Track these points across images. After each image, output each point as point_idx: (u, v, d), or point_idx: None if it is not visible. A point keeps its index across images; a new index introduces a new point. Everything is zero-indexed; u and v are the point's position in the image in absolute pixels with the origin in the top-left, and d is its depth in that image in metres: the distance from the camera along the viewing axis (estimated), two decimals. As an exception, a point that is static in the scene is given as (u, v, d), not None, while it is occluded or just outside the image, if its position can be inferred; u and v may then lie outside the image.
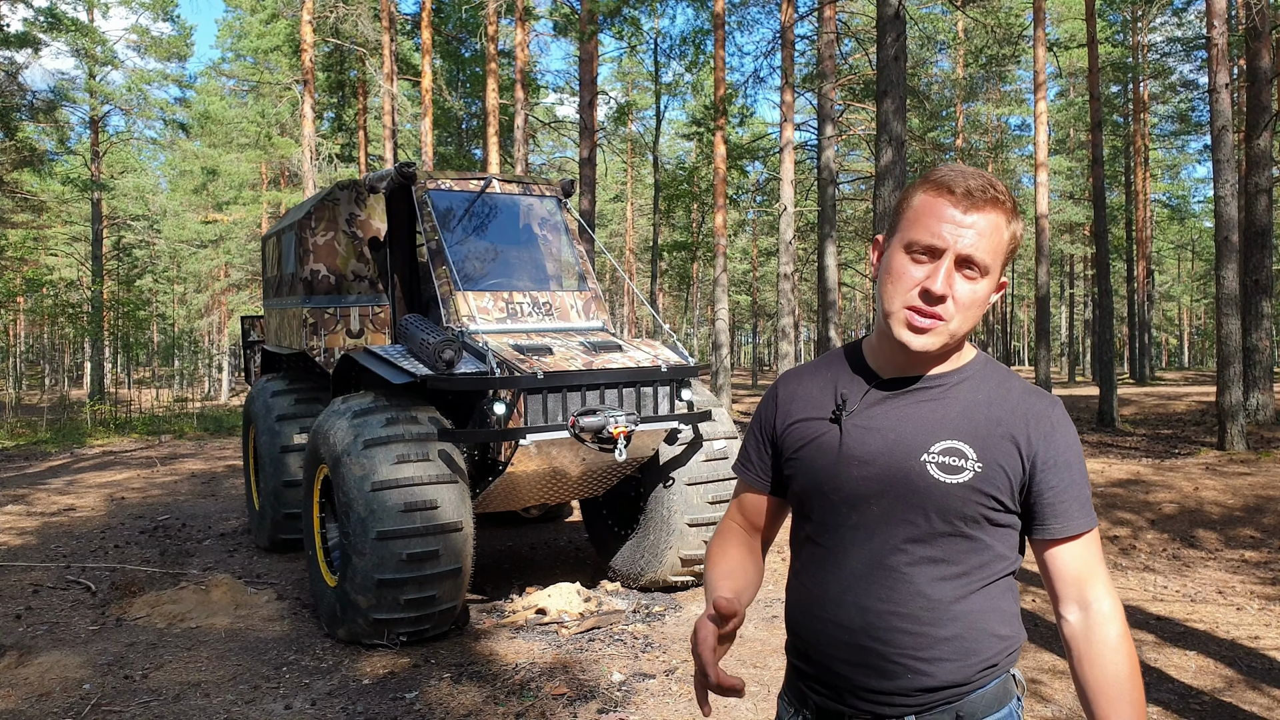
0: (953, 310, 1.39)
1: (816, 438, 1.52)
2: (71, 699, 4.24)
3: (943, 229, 1.38)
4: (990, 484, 1.41)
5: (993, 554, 1.44)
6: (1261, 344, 12.85)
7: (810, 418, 1.54)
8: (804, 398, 1.58)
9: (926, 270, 1.39)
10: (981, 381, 1.49)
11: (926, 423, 1.45)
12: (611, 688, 4.36)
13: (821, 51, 20.12)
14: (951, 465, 1.41)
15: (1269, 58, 12.82)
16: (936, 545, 1.42)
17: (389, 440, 4.81)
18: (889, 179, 10.17)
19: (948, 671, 1.41)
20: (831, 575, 1.48)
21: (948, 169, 1.43)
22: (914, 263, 1.41)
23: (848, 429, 1.48)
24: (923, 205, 1.41)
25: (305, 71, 20.24)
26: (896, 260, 1.43)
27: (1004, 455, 1.42)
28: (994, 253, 1.39)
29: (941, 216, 1.38)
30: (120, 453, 14.30)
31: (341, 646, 4.96)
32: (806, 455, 1.52)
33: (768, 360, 53.79)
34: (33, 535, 7.89)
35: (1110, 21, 29.96)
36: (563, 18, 19.26)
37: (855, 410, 1.49)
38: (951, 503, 1.40)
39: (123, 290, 29.73)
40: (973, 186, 1.38)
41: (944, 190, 1.39)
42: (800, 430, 1.55)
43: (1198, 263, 49.35)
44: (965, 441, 1.43)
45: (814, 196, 25.52)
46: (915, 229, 1.40)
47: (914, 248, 1.40)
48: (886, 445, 1.45)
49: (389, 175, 6.01)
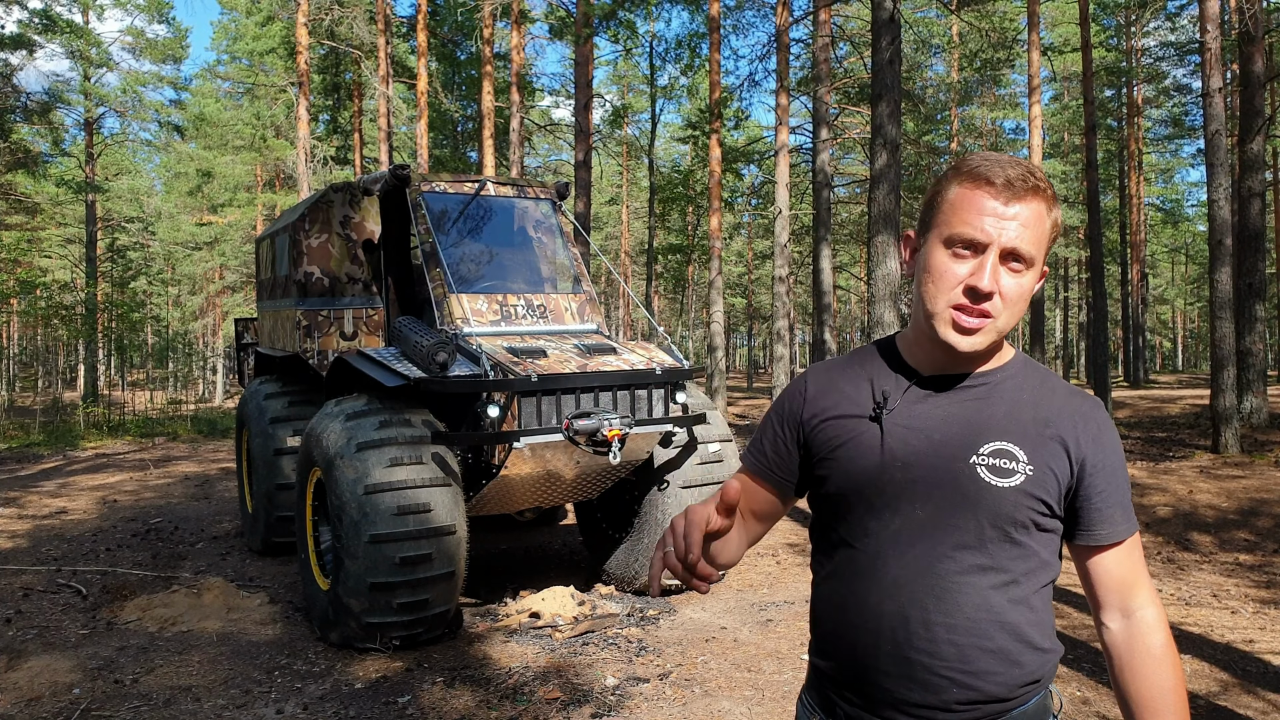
0: (1000, 306, 1.32)
1: (854, 437, 1.43)
2: (61, 703, 4.21)
3: (985, 222, 1.31)
4: (1041, 487, 1.35)
5: (1038, 561, 1.38)
6: (1255, 347, 12.88)
7: (846, 415, 1.45)
8: (837, 393, 1.49)
9: (970, 266, 1.32)
10: (1024, 380, 1.43)
11: (973, 423, 1.38)
12: (605, 692, 4.34)
13: (816, 55, 20.16)
14: (1003, 468, 1.35)
15: (1262, 62, 12.85)
16: (986, 552, 1.35)
17: (382, 443, 4.79)
18: (884, 182, 10.18)
19: (993, 685, 1.34)
20: (870, 582, 1.40)
21: (981, 158, 1.35)
22: (956, 259, 1.33)
23: (889, 428, 1.40)
24: (960, 198, 1.34)
25: (300, 74, 20.22)
26: (936, 257, 1.35)
27: (1053, 458, 1.37)
28: (1038, 243, 1.33)
29: (982, 209, 1.31)
30: (114, 455, 14.25)
31: (334, 650, 4.93)
32: (844, 455, 1.43)
33: (763, 363, 53.83)
34: (24, 538, 7.84)
35: (1104, 26, 30.06)
36: (558, 21, 19.28)
37: (896, 408, 1.41)
38: (1004, 507, 1.34)
39: (117, 292, 29.65)
40: (1012, 176, 1.31)
41: (982, 181, 1.32)
42: (835, 428, 1.45)
43: (1191, 266, 49.50)
44: (1015, 443, 1.36)
45: (809, 200, 25.55)
46: (955, 223, 1.33)
47: (955, 243, 1.33)
48: (932, 446, 1.37)
49: (383, 177, 5.99)
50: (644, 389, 5.31)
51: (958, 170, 1.36)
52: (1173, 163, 42.64)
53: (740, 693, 4.31)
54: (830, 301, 21.92)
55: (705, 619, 5.54)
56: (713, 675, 4.55)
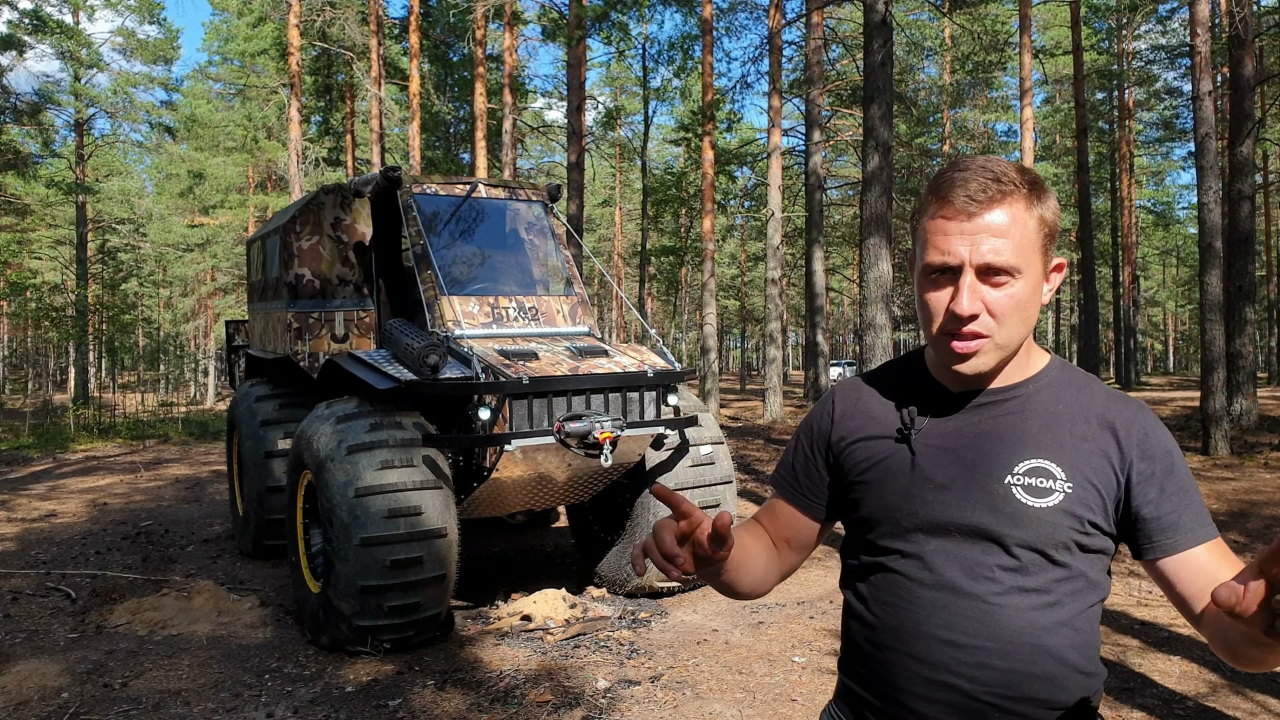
0: (992, 324, 1.27)
1: (884, 459, 1.39)
2: (49, 707, 4.19)
3: (951, 245, 1.27)
4: (1082, 505, 1.28)
5: (1085, 581, 1.31)
6: (1245, 349, 12.93)
7: (874, 436, 1.42)
8: (864, 413, 1.45)
9: (950, 292, 1.28)
10: (1060, 389, 1.36)
11: (1006, 440, 1.33)
12: (596, 695, 4.34)
13: (809, 57, 20.20)
14: (1039, 487, 1.29)
15: (1252, 66, 12.93)
16: (1027, 574, 1.29)
17: (373, 446, 4.78)
18: (876, 184, 10.20)
19: (1038, 711, 1.29)
20: (906, 605, 1.35)
21: (948, 172, 1.30)
22: (936, 287, 1.30)
23: (919, 449, 1.36)
24: (929, 224, 1.30)
25: (292, 75, 20.18)
26: (921, 287, 1.33)
27: (1095, 472, 1.29)
28: (1020, 249, 1.26)
29: (947, 231, 1.27)
30: (104, 458, 14.19)
31: (325, 653, 4.92)
32: (875, 479, 1.39)
33: (755, 365, 53.86)
34: (13, 541, 7.81)
35: (1095, 29, 30.21)
36: (551, 22, 19.28)
37: (924, 428, 1.37)
38: (1042, 529, 1.28)
39: (108, 294, 29.55)
40: (974, 190, 1.26)
41: (945, 203, 1.28)
42: (864, 450, 1.42)
43: (1182, 268, 49.73)
44: (1051, 459, 1.30)
45: (801, 202, 25.59)
46: (928, 251, 1.29)
47: (930, 271, 1.30)
48: (964, 466, 1.33)
49: (375, 179, 5.98)
50: (636, 391, 5.31)
51: (928, 191, 1.33)
52: (1164, 165, 42.90)
53: (731, 695, 4.31)
54: (823, 303, 21.95)
55: (697, 621, 5.54)
56: (704, 678, 4.55)
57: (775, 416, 18.60)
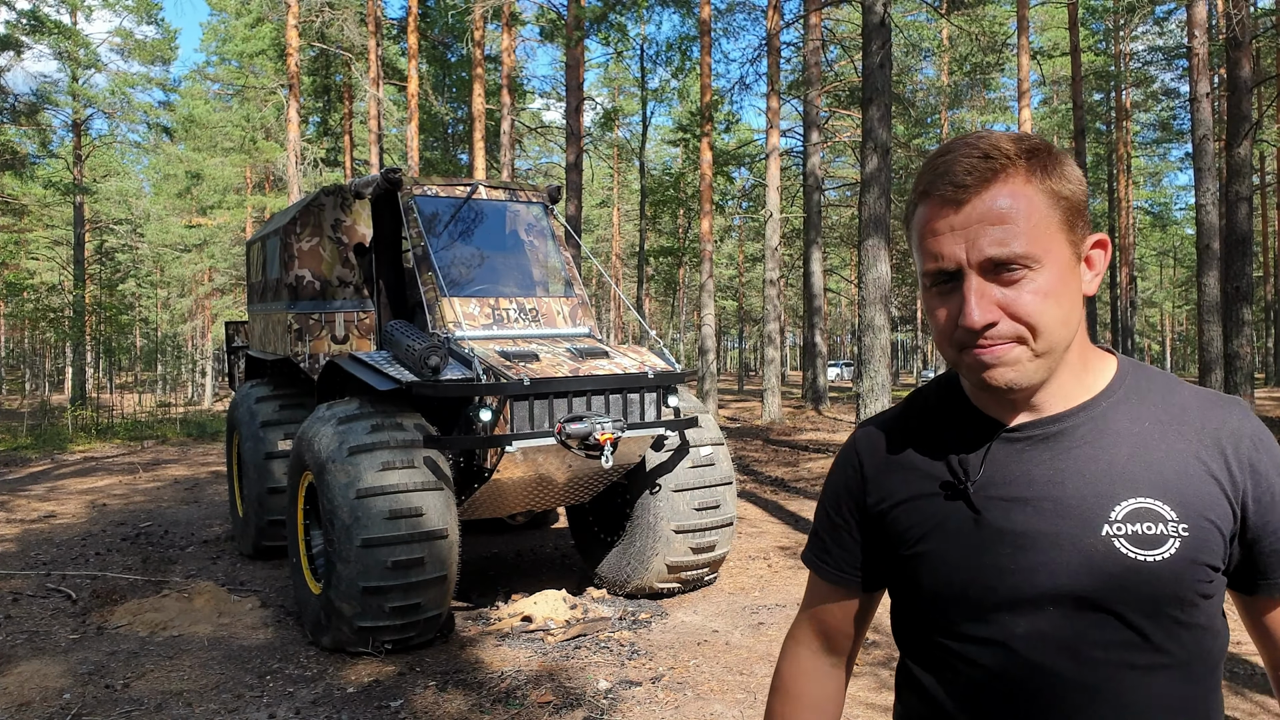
0: (1018, 328, 1.02)
1: (940, 522, 1.11)
2: (51, 709, 4.20)
3: (944, 245, 1.03)
4: (1204, 549, 1.03)
5: (1208, 633, 1.07)
6: (1242, 350, 12.97)
7: (921, 494, 1.14)
8: (902, 466, 1.18)
9: (957, 301, 1.04)
10: (1141, 401, 1.09)
11: (1091, 477, 1.05)
12: (597, 695, 4.35)
13: (807, 58, 20.23)
14: (1148, 535, 1.02)
15: (1249, 67, 12.97)
16: (1148, 645, 1.03)
17: (374, 447, 4.79)
18: (874, 185, 10.22)
19: None
20: (989, 699, 1.08)
21: (934, 160, 1.08)
22: (941, 296, 1.06)
23: (982, 504, 1.08)
24: (920, 221, 1.07)
25: (290, 76, 20.18)
26: (926, 299, 1.09)
27: (1209, 503, 1.03)
28: (1031, 233, 1.01)
29: (937, 230, 1.04)
30: (102, 458, 14.18)
31: (326, 655, 4.92)
32: (934, 549, 1.12)
33: (754, 365, 53.89)
34: (12, 542, 7.80)
35: (1093, 30, 30.27)
36: (549, 23, 19.29)
37: (982, 476, 1.09)
38: (1161, 587, 1.02)
39: (105, 294, 29.53)
40: (958, 173, 1.02)
41: (929, 195, 1.05)
42: (911, 515, 1.14)
43: (1179, 269, 49.82)
44: (1155, 496, 1.03)
45: (800, 202, 25.62)
46: (924, 257, 1.07)
47: (929, 279, 1.07)
48: (1045, 520, 1.05)
49: (375, 180, 5.99)
50: (636, 393, 5.32)
51: (915, 185, 1.11)
52: (1161, 166, 42.99)
53: (732, 695, 4.32)
54: (821, 304, 21.99)
55: (697, 622, 5.55)
56: (705, 678, 4.56)
57: (774, 417, 18.63)
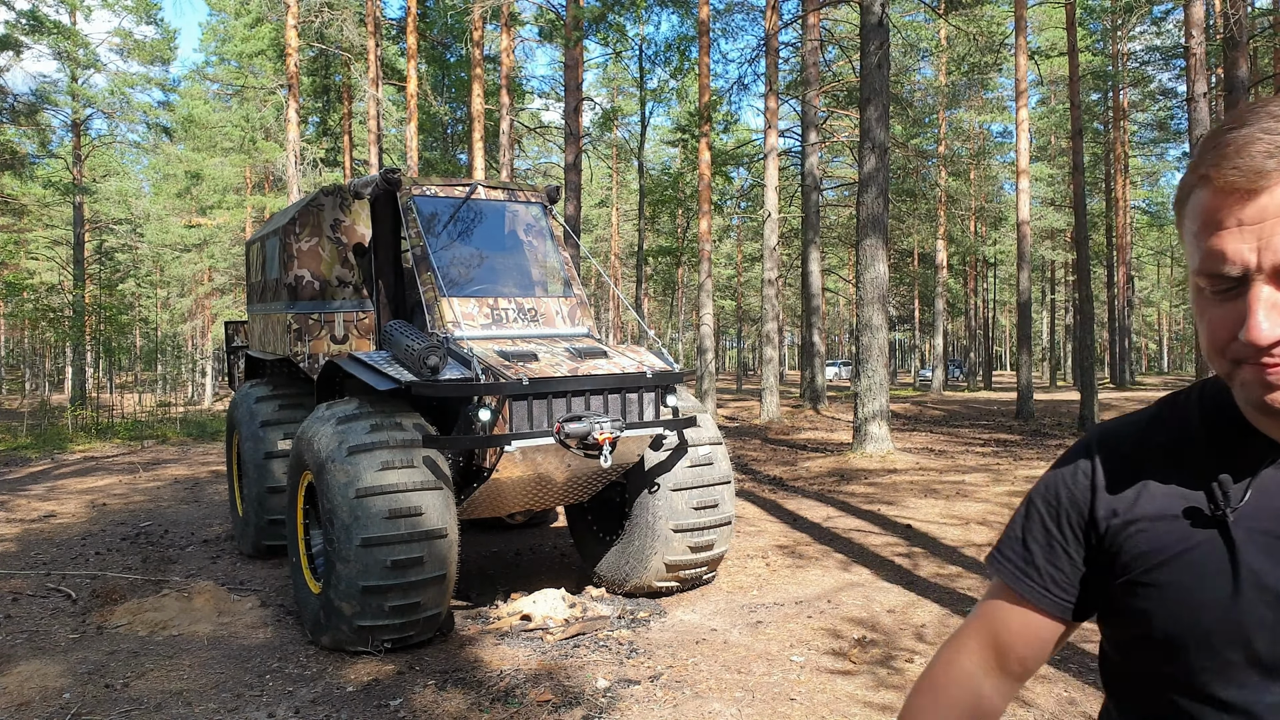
0: None
1: (1183, 552, 0.95)
2: (51, 708, 4.21)
3: (1227, 243, 0.85)
4: None
5: None
6: (1240, 350, 13.00)
7: (1164, 515, 0.97)
8: (1144, 478, 1.01)
9: (1238, 309, 0.86)
10: None
11: None
12: (596, 694, 4.37)
13: (805, 59, 20.25)
14: None
15: (1246, 67, 12.99)
16: None
17: (373, 447, 4.81)
18: (872, 185, 10.24)
19: None
20: None
21: (1220, 135, 0.88)
22: (1218, 300, 0.89)
23: (1243, 538, 0.91)
24: (1199, 209, 0.89)
25: (290, 76, 20.18)
26: (1197, 300, 0.92)
27: None
28: None
29: (1219, 220, 0.86)
30: (102, 458, 14.19)
31: (325, 654, 4.94)
32: (1170, 581, 0.95)
33: (752, 365, 53.91)
34: (12, 542, 7.82)
35: (1090, 30, 30.28)
36: (548, 23, 19.31)
37: (1246, 504, 0.92)
38: None
39: (105, 294, 29.51)
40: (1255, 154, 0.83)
41: (1211, 180, 0.87)
42: (1150, 536, 0.98)
43: (1176, 269, 49.89)
44: None
45: (798, 202, 25.65)
46: (1199, 252, 0.89)
47: (1204, 281, 0.89)
48: None
49: (374, 181, 6.01)
50: (635, 392, 5.34)
51: (1196, 158, 0.91)
52: (1158, 166, 43.05)
53: (730, 694, 4.34)
54: (819, 304, 22.02)
55: (695, 621, 5.57)
56: (703, 677, 4.58)
57: (772, 416, 18.66)
